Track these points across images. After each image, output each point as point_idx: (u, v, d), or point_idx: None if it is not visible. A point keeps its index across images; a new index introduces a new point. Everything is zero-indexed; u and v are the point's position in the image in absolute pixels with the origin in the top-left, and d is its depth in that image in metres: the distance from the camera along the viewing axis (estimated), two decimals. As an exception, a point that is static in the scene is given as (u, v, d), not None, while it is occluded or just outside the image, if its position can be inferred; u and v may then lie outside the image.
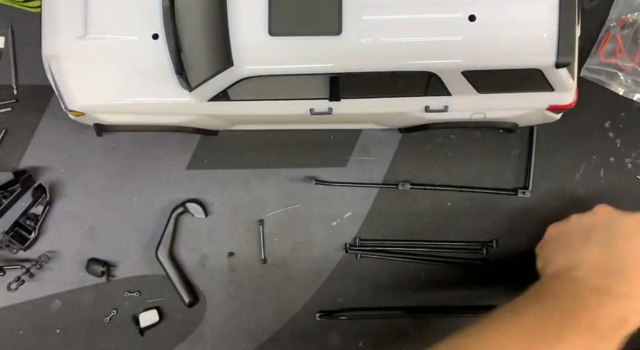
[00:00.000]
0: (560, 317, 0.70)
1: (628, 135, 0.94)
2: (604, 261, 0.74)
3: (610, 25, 0.93)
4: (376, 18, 0.71)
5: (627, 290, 0.71)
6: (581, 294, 0.72)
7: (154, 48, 0.77)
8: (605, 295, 0.70)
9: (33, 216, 0.92)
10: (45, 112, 0.93)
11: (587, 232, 0.78)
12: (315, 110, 0.80)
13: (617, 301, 0.70)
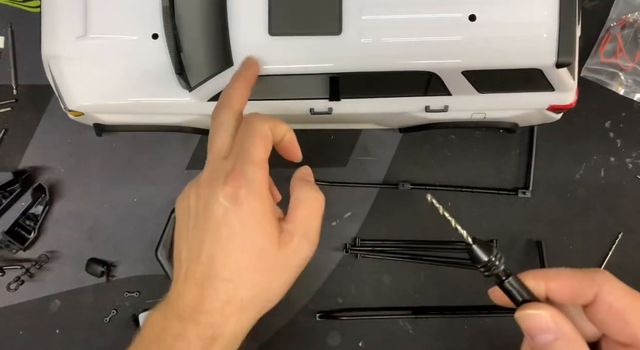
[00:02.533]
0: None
1: (628, 135, 0.94)
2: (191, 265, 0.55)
3: (611, 25, 0.93)
4: (376, 18, 0.71)
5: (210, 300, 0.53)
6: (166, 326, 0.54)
7: (154, 48, 0.77)
8: (186, 318, 0.53)
9: (33, 216, 0.92)
10: (45, 112, 0.93)
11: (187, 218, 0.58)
12: (315, 110, 0.80)
13: (202, 319, 0.53)
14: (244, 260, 0.54)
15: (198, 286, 0.54)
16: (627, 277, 0.96)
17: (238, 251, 0.54)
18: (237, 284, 0.54)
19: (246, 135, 0.58)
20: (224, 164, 0.57)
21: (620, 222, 0.93)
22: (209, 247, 0.54)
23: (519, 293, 0.47)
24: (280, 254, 0.56)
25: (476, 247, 0.46)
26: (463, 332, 0.93)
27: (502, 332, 0.93)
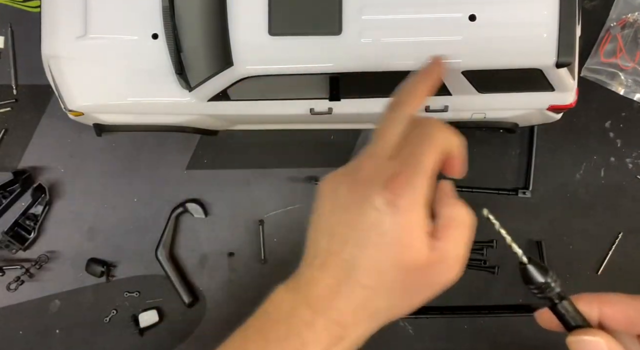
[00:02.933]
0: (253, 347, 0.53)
1: (628, 135, 0.94)
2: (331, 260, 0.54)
3: (611, 25, 0.93)
4: (376, 18, 0.71)
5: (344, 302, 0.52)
6: (294, 309, 0.53)
7: (154, 48, 0.77)
8: (317, 310, 0.52)
9: (33, 216, 0.92)
10: (45, 112, 0.93)
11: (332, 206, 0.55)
12: (315, 110, 0.80)
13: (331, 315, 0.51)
14: (388, 273, 0.52)
15: (335, 283, 0.52)
16: (627, 277, 0.96)
17: (383, 262, 0.51)
18: (376, 294, 0.52)
19: (421, 141, 0.54)
20: (388, 164, 0.53)
21: (620, 222, 0.93)
22: (353, 249, 0.52)
23: (573, 317, 0.44)
24: (425, 273, 0.53)
25: (531, 267, 0.44)
26: (463, 332, 0.93)
27: (502, 332, 0.93)
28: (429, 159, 0.52)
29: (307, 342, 0.51)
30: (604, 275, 0.92)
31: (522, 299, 0.93)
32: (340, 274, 0.52)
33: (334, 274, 0.52)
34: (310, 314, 0.51)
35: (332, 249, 0.53)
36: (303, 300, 0.52)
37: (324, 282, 0.52)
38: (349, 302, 0.52)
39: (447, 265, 0.53)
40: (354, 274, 0.52)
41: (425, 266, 0.52)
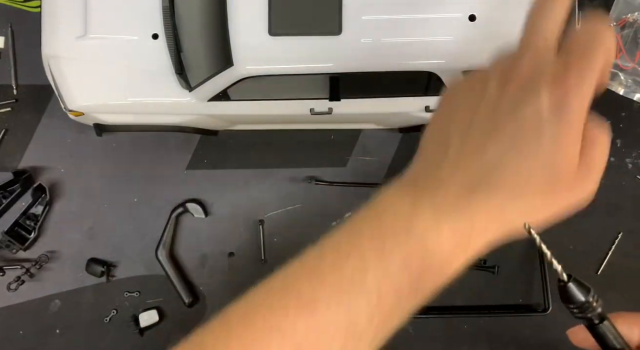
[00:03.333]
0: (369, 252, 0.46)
1: (628, 135, 0.94)
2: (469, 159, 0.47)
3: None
4: (376, 18, 0.71)
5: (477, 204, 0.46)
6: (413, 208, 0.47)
7: (154, 48, 0.77)
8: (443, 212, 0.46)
9: (33, 216, 0.92)
10: (45, 112, 0.93)
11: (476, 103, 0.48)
12: (315, 110, 0.80)
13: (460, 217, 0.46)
14: (536, 182, 0.46)
15: (469, 184, 0.46)
16: (627, 278, 0.96)
17: (534, 169, 0.45)
18: (515, 200, 0.46)
19: (593, 37, 0.47)
20: (554, 61, 0.46)
21: (620, 222, 0.93)
22: (500, 150, 0.45)
23: (614, 339, 0.42)
24: (569, 188, 0.47)
25: (572, 286, 0.41)
26: (463, 332, 0.93)
27: (502, 332, 0.93)
28: (600, 59, 0.46)
29: (430, 248, 0.45)
30: (603, 275, 0.92)
31: (522, 299, 0.93)
32: (479, 175, 0.46)
33: (470, 175, 0.46)
34: (433, 216, 0.46)
35: (468, 149, 0.47)
36: (426, 200, 0.47)
37: (456, 185, 0.46)
38: (482, 206, 0.46)
39: (588, 183, 0.48)
40: (496, 179, 0.45)
41: (571, 180, 0.46)
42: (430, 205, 0.46)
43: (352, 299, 0.44)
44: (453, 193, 0.46)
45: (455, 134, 0.48)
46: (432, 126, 0.52)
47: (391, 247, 0.45)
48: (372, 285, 0.44)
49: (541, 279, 0.92)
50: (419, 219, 0.45)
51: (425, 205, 0.46)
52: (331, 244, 0.48)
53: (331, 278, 0.45)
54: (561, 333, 0.98)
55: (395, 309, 0.45)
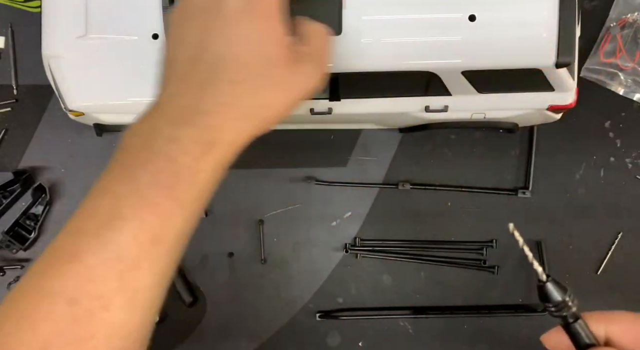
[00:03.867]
0: (118, 187, 0.48)
1: (628, 135, 0.94)
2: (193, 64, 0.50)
3: (610, 25, 0.93)
4: (376, 18, 0.71)
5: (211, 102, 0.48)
6: (154, 130, 0.48)
7: (154, 48, 0.77)
8: (181, 122, 0.47)
9: (33, 216, 0.92)
10: (45, 112, 0.93)
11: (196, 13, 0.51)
12: (315, 110, 0.80)
13: (198, 122, 0.47)
14: (254, 65, 0.49)
15: (199, 86, 0.48)
16: (627, 277, 0.96)
17: (248, 54, 0.49)
18: (243, 88, 0.49)
19: None
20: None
21: (620, 222, 0.93)
22: (215, 46, 0.49)
23: (586, 337, 0.44)
24: (290, 70, 0.52)
25: (550, 286, 0.44)
26: (463, 332, 0.93)
27: (502, 332, 0.93)
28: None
29: (173, 157, 0.46)
30: (603, 275, 0.92)
31: (522, 299, 0.93)
32: (206, 76, 0.49)
33: (199, 79, 0.49)
34: (171, 128, 0.47)
35: (192, 56, 0.50)
36: (164, 118, 0.48)
37: (187, 92, 0.49)
38: (217, 102, 0.48)
39: (312, 68, 0.54)
40: (220, 72, 0.49)
41: (289, 62, 0.52)
42: (167, 121, 0.48)
43: (114, 235, 0.45)
44: (187, 102, 0.48)
45: (179, 49, 0.51)
46: (166, 45, 0.54)
47: (138, 171, 0.47)
48: (129, 213, 0.45)
49: (541, 279, 0.92)
50: (158, 137, 0.47)
51: (160, 122, 0.48)
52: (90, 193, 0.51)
53: (89, 223, 0.47)
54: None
55: (165, 224, 0.46)
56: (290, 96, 0.52)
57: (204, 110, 0.48)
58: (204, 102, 0.48)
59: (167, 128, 0.47)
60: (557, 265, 0.82)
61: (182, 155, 0.47)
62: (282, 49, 0.51)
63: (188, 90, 0.49)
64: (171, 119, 0.48)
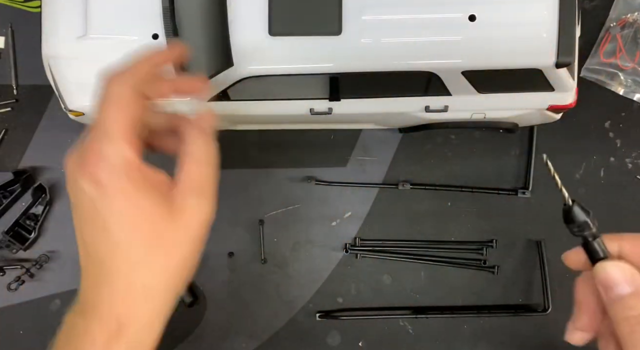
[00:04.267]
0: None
1: (628, 135, 0.94)
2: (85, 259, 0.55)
3: (610, 25, 0.93)
4: (376, 18, 0.71)
5: (108, 295, 0.51)
6: (72, 322, 0.52)
7: (154, 48, 0.77)
8: (89, 313, 0.51)
9: (33, 216, 0.92)
10: (45, 112, 0.93)
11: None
12: (315, 110, 0.80)
13: (104, 313, 0.50)
14: (134, 245, 0.50)
15: (95, 280, 0.52)
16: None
17: (123, 237, 0.50)
18: (134, 270, 0.50)
19: (101, 104, 0.49)
20: (84, 142, 0.49)
21: (620, 222, 0.93)
22: (91, 240, 0.52)
23: (602, 251, 0.50)
24: (176, 225, 0.50)
25: (576, 208, 0.50)
26: (463, 332, 0.93)
27: (502, 332, 0.93)
28: (112, 120, 0.49)
29: (85, 346, 0.49)
30: (603, 275, 0.92)
31: (522, 299, 0.93)
32: (97, 270, 0.52)
33: (93, 274, 0.53)
34: (84, 323, 0.50)
35: (82, 252, 0.54)
36: (78, 312, 0.52)
37: (89, 286, 0.53)
38: (114, 291, 0.50)
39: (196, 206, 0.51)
40: (106, 264, 0.51)
41: (171, 219, 0.50)
42: (81, 314, 0.51)
43: None
44: (90, 296, 0.52)
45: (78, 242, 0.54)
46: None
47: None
48: None
49: (541, 279, 0.92)
50: (75, 330, 0.51)
51: (78, 316, 0.51)
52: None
53: None
54: (561, 333, 0.98)
55: None
56: (188, 248, 0.51)
57: (105, 301, 0.50)
58: (103, 293, 0.50)
59: (81, 321, 0.51)
60: (557, 265, 0.82)
61: (89, 343, 0.49)
62: (159, 212, 0.49)
63: (90, 284, 0.52)
64: (83, 312, 0.51)
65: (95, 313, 0.50)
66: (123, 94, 0.49)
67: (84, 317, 0.51)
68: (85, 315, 0.51)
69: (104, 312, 0.50)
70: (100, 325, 0.50)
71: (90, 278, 0.53)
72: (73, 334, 0.51)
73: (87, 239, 0.52)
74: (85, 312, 0.51)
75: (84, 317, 0.50)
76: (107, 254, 0.51)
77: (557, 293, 0.91)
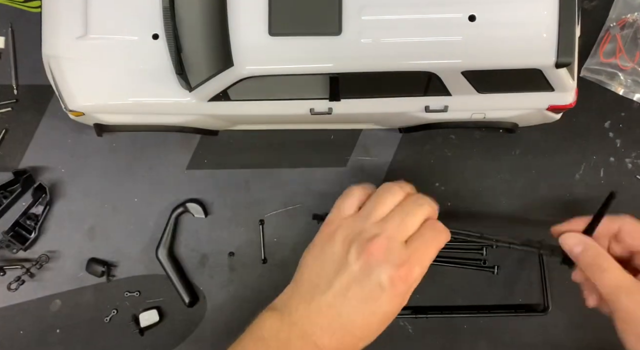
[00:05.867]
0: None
1: (628, 135, 0.94)
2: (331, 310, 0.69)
3: (610, 25, 0.93)
4: (376, 18, 0.71)
5: (336, 343, 0.68)
6: (289, 339, 0.68)
7: (154, 48, 0.77)
8: (311, 345, 0.67)
9: (33, 216, 0.92)
10: (45, 112, 0.93)
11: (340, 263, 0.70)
12: (315, 110, 0.80)
13: (310, 336, 0.67)
14: (377, 330, 0.70)
15: (331, 329, 0.68)
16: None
17: (376, 324, 0.69)
18: (361, 341, 0.70)
19: (432, 239, 0.72)
20: (402, 250, 0.68)
21: (620, 222, 0.93)
22: (355, 308, 0.68)
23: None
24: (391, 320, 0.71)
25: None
26: (463, 332, 0.93)
27: (502, 332, 0.93)
28: (430, 258, 0.70)
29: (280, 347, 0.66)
30: (603, 275, 0.92)
31: (522, 299, 0.93)
32: (338, 322, 0.68)
33: (331, 320, 0.68)
34: (303, 345, 0.67)
35: (330, 301, 0.68)
36: (300, 333, 0.68)
37: (321, 323, 0.68)
38: (341, 343, 0.68)
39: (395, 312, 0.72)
40: (349, 327, 0.68)
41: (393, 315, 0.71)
42: (300, 337, 0.68)
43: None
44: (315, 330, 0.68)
45: (322, 281, 0.70)
46: (308, 259, 0.75)
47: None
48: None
49: (541, 279, 0.92)
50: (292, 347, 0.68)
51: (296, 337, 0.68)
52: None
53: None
54: (561, 333, 0.99)
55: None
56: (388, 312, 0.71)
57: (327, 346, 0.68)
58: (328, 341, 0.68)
59: (299, 344, 0.68)
60: (557, 265, 0.82)
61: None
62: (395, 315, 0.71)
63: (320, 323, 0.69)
64: (302, 340, 0.68)
65: (304, 332, 0.68)
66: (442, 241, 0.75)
67: (305, 344, 0.67)
68: (307, 344, 0.67)
69: (313, 336, 0.67)
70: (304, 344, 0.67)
71: (323, 318, 0.68)
72: (273, 336, 0.68)
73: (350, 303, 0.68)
74: (307, 341, 0.67)
75: (305, 344, 0.67)
76: (357, 324, 0.69)
77: (557, 293, 0.91)
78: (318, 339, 0.67)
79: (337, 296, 0.68)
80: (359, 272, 0.67)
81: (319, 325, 0.67)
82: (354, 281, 0.67)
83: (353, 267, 0.68)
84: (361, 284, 0.67)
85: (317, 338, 0.67)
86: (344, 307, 0.67)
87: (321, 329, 0.67)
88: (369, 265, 0.67)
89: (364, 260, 0.67)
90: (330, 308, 0.68)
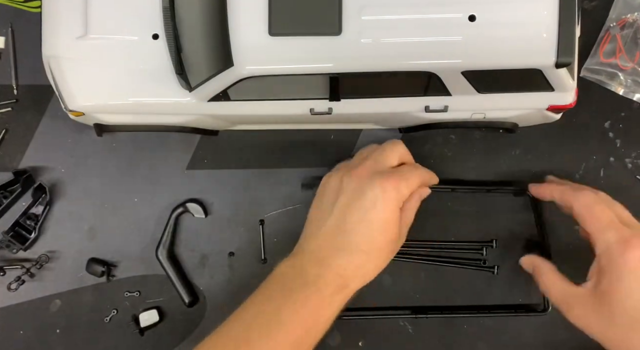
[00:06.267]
0: (280, 299, 0.71)
1: (628, 135, 0.94)
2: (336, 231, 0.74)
3: (610, 25, 0.93)
4: (376, 18, 0.71)
5: (346, 261, 0.73)
6: (305, 268, 0.73)
7: (154, 48, 0.77)
8: (325, 267, 0.72)
9: (33, 216, 0.92)
10: (45, 112, 0.93)
11: (337, 193, 0.77)
12: (315, 110, 0.80)
13: (337, 271, 0.72)
14: (380, 242, 0.73)
15: (339, 248, 0.73)
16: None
17: (377, 233, 0.73)
18: (369, 258, 0.74)
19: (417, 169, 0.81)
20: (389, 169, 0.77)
21: (620, 222, 0.93)
22: (356, 222, 0.72)
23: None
24: (394, 244, 0.76)
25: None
26: (463, 332, 0.93)
27: (502, 332, 0.93)
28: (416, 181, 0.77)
29: (320, 288, 0.71)
30: (603, 275, 0.92)
31: (522, 299, 0.93)
32: (345, 243, 0.73)
33: (339, 244, 0.73)
34: (319, 269, 0.72)
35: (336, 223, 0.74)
36: (312, 261, 0.73)
37: (330, 249, 0.73)
38: (351, 263, 0.73)
39: (401, 240, 0.78)
40: (355, 243, 0.73)
41: (396, 239, 0.76)
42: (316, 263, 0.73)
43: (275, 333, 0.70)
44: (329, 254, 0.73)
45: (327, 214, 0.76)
46: (312, 210, 0.81)
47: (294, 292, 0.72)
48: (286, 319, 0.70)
49: (541, 279, 0.92)
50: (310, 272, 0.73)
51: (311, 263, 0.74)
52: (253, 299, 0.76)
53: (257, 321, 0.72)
54: (561, 333, 0.99)
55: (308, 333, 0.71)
56: (387, 262, 0.77)
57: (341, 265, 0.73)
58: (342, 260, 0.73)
59: (316, 268, 0.73)
60: (558, 265, 0.82)
61: (325, 288, 0.71)
62: (397, 228, 0.75)
63: (331, 247, 0.74)
64: (319, 262, 0.73)
65: (331, 267, 0.72)
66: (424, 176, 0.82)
67: (320, 265, 0.72)
68: (321, 264, 0.72)
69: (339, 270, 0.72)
70: (333, 276, 0.72)
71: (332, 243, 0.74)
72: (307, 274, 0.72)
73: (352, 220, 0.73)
74: (321, 262, 0.73)
75: (320, 265, 0.72)
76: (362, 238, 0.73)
77: (557, 293, 0.91)
78: (333, 261, 0.72)
79: (339, 217, 0.74)
80: (352, 191, 0.74)
81: (329, 248, 0.73)
82: (351, 199, 0.73)
83: (347, 189, 0.74)
84: (358, 199, 0.73)
85: (332, 260, 0.72)
86: (346, 223, 0.73)
87: (331, 251, 0.73)
88: (360, 183, 0.74)
89: (356, 181, 0.74)
90: (335, 229, 0.73)
